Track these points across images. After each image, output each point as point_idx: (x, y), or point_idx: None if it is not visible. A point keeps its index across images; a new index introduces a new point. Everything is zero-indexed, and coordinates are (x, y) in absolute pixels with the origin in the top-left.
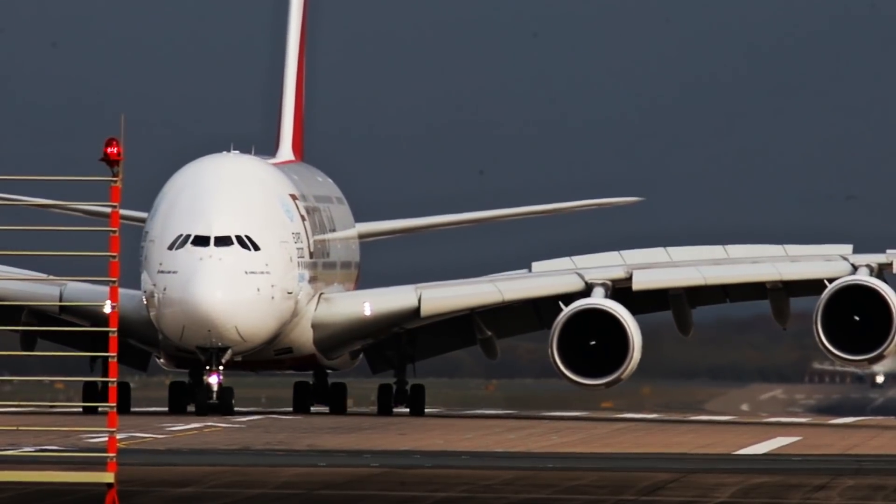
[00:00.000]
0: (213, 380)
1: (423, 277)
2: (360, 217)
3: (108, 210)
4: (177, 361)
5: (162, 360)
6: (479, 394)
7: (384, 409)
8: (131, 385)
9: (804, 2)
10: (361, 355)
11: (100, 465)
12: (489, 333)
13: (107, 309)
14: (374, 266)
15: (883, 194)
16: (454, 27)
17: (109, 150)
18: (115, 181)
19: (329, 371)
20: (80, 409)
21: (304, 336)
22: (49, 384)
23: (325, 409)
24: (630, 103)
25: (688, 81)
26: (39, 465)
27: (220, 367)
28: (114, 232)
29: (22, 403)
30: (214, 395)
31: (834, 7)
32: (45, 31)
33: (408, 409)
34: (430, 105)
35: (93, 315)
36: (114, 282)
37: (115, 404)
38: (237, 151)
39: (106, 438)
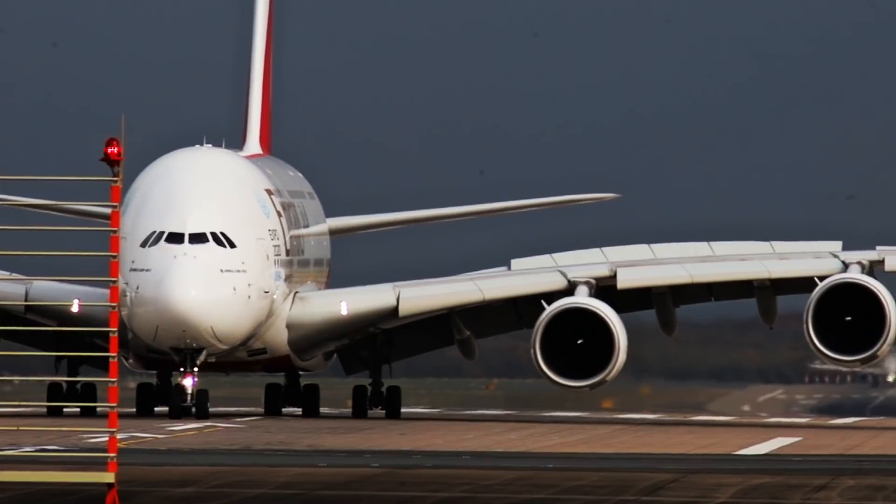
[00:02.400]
0: (188, 382)
1: (397, 275)
2: (334, 213)
3: (107, 210)
4: (146, 363)
5: (130, 361)
6: (479, 394)
7: (359, 412)
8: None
9: (803, 5)
10: (335, 356)
11: (100, 465)
12: (467, 333)
13: (74, 308)
14: (346, 263)
15: (871, 190)
16: (452, 26)
17: (110, 150)
18: (116, 181)
19: (301, 372)
20: (45, 410)
21: (278, 337)
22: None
23: (298, 411)
24: (630, 103)
25: (687, 82)
26: (40, 465)
27: (195, 369)
28: (114, 232)
29: (22, 403)
30: (189, 399)
31: (833, 10)
32: (45, 32)
33: (384, 412)
34: (427, 104)
35: (59, 314)
36: (114, 282)
37: (115, 404)
38: (210, 145)
39: (106, 438)
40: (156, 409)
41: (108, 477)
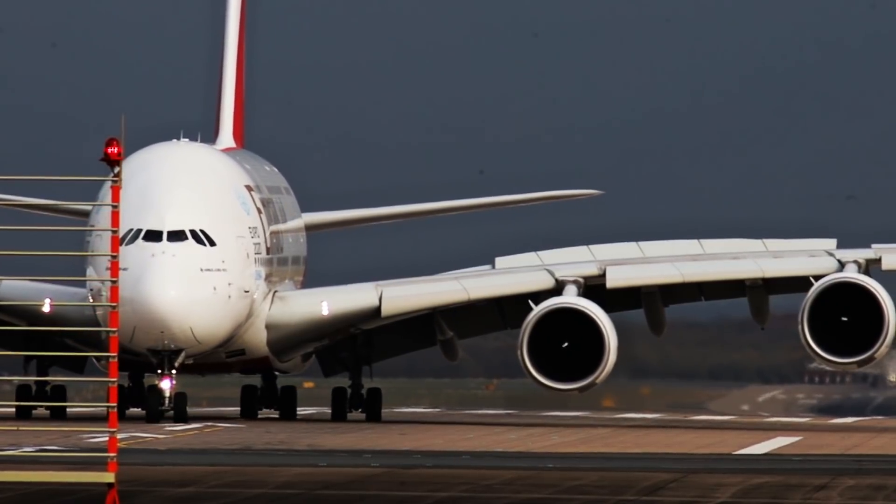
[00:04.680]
0: (166, 385)
1: (378, 274)
2: (307, 209)
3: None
4: (119, 364)
5: (102, 362)
6: (479, 394)
7: (338, 414)
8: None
9: (801, 7)
10: (313, 357)
11: (100, 465)
12: (450, 334)
13: (45, 308)
14: (327, 262)
15: (865, 188)
16: (451, 26)
17: (110, 150)
18: (116, 181)
19: (277, 374)
20: (14, 411)
21: (257, 337)
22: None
23: (276, 413)
24: (630, 103)
25: (686, 81)
26: (40, 465)
27: (173, 371)
28: (114, 232)
29: (21, 404)
30: (167, 401)
31: (831, 12)
32: (45, 32)
33: (364, 415)
34: (409, 100)
35: (29, 314)
36: (114, 282)
37: (115, 404)
38: (187, 139)
39: (106, 438)
40: (127, 411)
41: (108, 477)
